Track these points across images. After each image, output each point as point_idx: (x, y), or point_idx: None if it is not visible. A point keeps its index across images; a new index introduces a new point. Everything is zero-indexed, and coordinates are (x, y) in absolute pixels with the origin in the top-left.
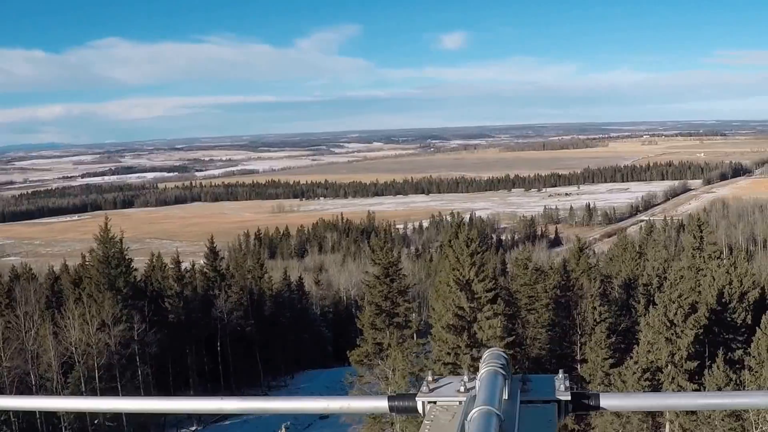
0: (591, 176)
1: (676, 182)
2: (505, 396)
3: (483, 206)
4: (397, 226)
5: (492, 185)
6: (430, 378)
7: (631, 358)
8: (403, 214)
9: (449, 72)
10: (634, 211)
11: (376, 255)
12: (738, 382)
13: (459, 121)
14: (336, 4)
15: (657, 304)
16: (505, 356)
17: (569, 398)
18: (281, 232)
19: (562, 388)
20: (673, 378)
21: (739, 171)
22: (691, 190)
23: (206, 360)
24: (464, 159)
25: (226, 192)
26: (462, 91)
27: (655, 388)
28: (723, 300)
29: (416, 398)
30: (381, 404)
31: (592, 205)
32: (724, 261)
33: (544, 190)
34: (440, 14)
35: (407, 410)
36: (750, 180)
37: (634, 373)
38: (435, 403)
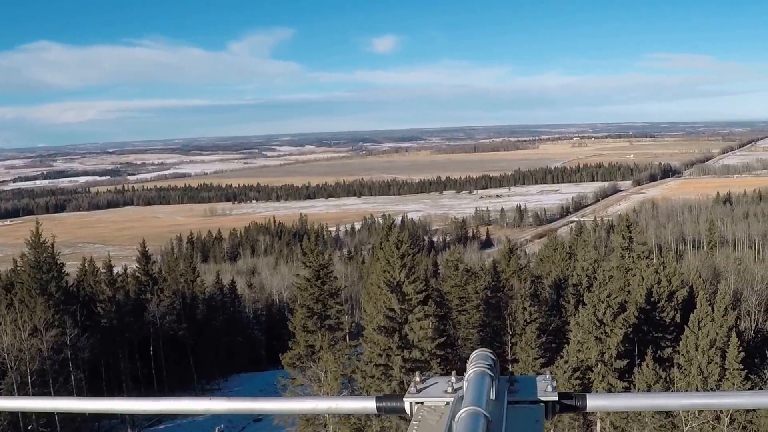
0: (522, 178)
1: (606, 183)
2: (493, 396)
3: (415, 208)
4: (330, 229)
5: (423, 187)
6: (417, 378)
7: (562, 357)
8: (336, 217)
9: (381, 75)
10: (565, 212)
11: (307, 258)
12: (667, 380)
13: (390, 123)
14: (268, 7)
15: (586, 304)
16: (493, 357)
17: (556, 399)
18: (214, 236)
19: (549, 389)
20: (603, 377)
21: (668, 172)
22: (621, 191)
23: (139, 364)
24: (396, 161)
25: (158, 196)
26: (393, 94)
27: (586, 386)
28: (652, 299)
29: (404, 399)
30: (369, 405)
31: (523, 207)
32: (654, 261)
33: (475, 192)
34: (372, 18)
35: (395, 411)
36: (679, 181)
37: (565, 372)
38: (422, 403)
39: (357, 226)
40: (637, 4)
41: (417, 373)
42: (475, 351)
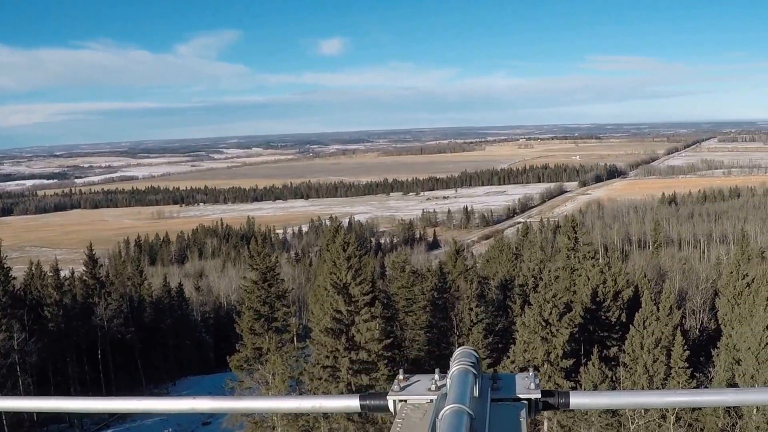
0: (468, 179)
1: (552, 184)
2: (476, 394)
3: (362, 210)
4: (277, 231)
5: (371, 189)
6: (401, 377)
7: (508, 357)
8: (283, 219)
9: (328, 77)
10: (511, 213)
11: (254, 260)
12: (613, 379)
13: (338, 126)
14: (215, 10)
15: (532, 304)
16: (476, 355)
17: (539, 396)
18: (161, 239)
19: (532, 386)
20: (549, 376)
21: (613, 173)
22: (567, 192)
23: (87, 368)
24: (343, 164)
25: (105, 199)
26: (340, 96)
27: None
28: (597, 299)
29: (387, 397)
30: (353, 403)
31: (469, 208)
32: (599, 261)
33: (422, 193)
34: (319, 20)
35: (378, 409)
36: (625, 182)
37: (512, 372)
38: (406, 401)
39: (304, 228)
40: (581, 6)
41: (401, 371)
42: (459, 349)
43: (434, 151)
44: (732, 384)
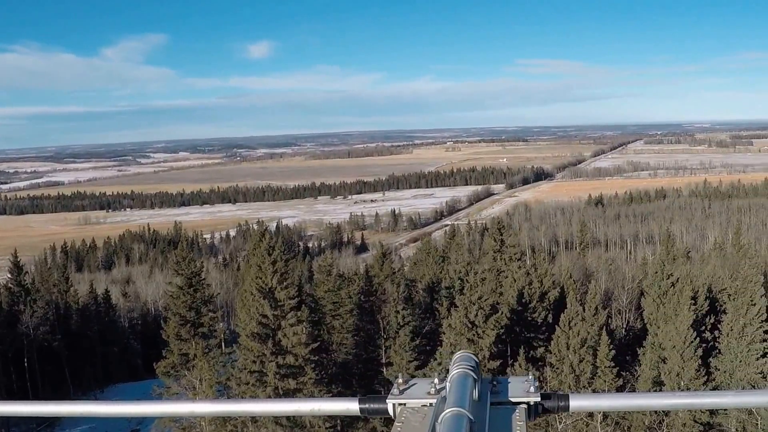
0: (396, 183)
1: (480, 187)
2: (475, 397)
3: (289, 214)
4: (205, 236)
5: (298, 193)
6: (400, 380)
7: (435, 360)
8: (211, 224)
9: (255, 81)
10: (439, 216)
11: (179, 265)
12: (540, 379)
13: (265, 130)
14: (142, 13)
15: (458, 307)
16: (476, 358)
17: (538, 399)
18: (88, 245)
19: (531, 390)
20: None
21: (541, 175)
22: (495, 194)
23: (14, 377)
24: (270, 168)
25: (31, 204)
26: (268, 100)
27: None
28: (523, 300)
29: (387, 400)
30: (352, 406)
31: (397, 211)
32: (526, 262)
33: (350, 197)
34: (246, 24)
35: (378, 412)
36: (552, 184)
37: (439, 374)
38: (405, 405)
39: (232, 233)
40: (505, 10)
41: (399, 374)
42: (458, 352)
43: (362, 155)
44: (658, 382)
